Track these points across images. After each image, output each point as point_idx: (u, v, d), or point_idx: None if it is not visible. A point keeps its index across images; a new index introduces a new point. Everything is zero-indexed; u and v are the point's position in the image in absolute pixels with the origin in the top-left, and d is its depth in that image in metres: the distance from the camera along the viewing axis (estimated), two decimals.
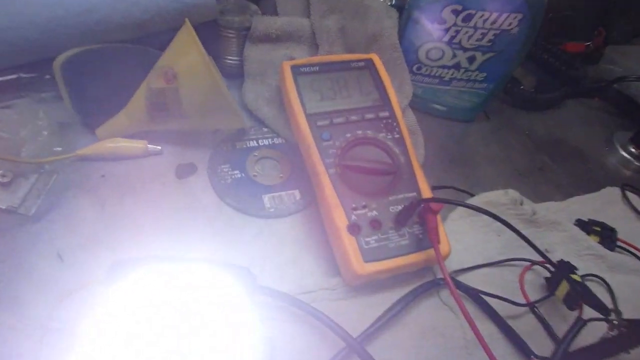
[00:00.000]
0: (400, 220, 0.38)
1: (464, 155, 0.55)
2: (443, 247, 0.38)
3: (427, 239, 0.38)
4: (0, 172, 0.39)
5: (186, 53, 0.41)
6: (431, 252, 0.37)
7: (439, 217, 0.38)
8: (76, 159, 0.44)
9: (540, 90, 0.64)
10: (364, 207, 0.39)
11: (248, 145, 0.48)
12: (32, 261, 0.36)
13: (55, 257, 0.37)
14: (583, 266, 0.43)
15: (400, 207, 0.39)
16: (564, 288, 0.40)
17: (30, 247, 0.37)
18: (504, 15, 0.46)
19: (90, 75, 0.43)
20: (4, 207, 0.39)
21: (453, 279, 0.40)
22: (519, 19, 0.47)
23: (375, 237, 0.38)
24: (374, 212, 0.39)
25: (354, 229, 0.38)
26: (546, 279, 0.43)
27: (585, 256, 0.46)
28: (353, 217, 0.38)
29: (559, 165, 0.56)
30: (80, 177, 0.43)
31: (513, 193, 0.47)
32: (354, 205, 0.39)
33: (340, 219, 0.38)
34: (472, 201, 0.47)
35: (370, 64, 0.47)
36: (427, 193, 0.41)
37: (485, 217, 0.46)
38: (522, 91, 0.63)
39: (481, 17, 0.47)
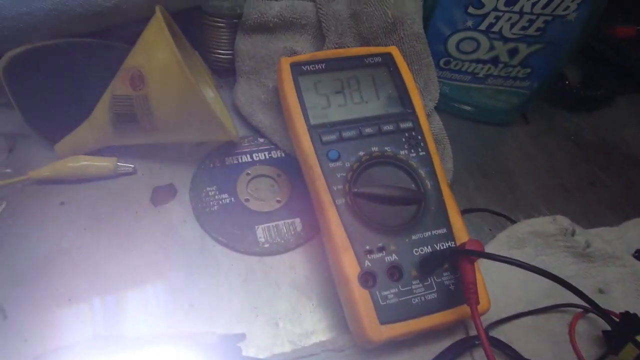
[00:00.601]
0: (427, 268, 0.30)
1: (498, 167, 0.46)
2: (482, 304, 0.30)
3: (460, 291, 0.30)
4: None
5: (156, 51, 0.32)
6: (466, 307, 0.29)
7: (476, 263, 0.30)
8: (30, 182, 0.36)
9: (588, 85, 0.54)
10: (381, 249, 0.31)
11: (240, 161, 0.40)
12: None
13: None
14: None
15: (426, 249, 0.31)
16: (630, 352, 0.31)
17: None
18: None
19: (43, 79, 0.35)
20: None
21: (491, 337, 0.32)
22: (579, 2, 0.37)
23: (394, 289, 0.30)
24: (394, 257, 0.31)
25: (367, 279, 0.30)
26: (605, 332, 0.34)
27: None
28: (367, 263, 0.30)
29: (612, 178, 0.47)
30: (35, 206, 0.35)
31: (562, 220, 0.39)
32: (367, 248, 0.30)
33: (351, 266, 0.30)
34: (514, 229, 0.39)
35: (388, 59, 0.39)
36: (459, 229, 0.33)
37: (528, 249, 0.39)
38: (566, 87, 0.53)
39: None
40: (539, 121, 0.52)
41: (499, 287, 0.36)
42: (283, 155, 0.41)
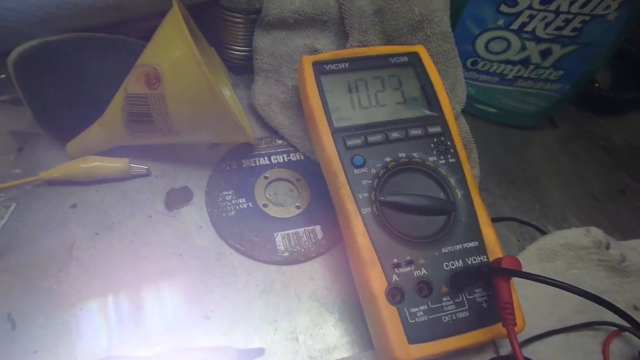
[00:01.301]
0: (458, 284, 0.28)
1: (525, 173, 0.44)
2: (518, 324, 0.28)
3: (493, 309, 0.29)
4: None
5: (173, 48, 0.30)
6: (499, 327, 0.28)
7: (511, 281, 0.28)
8: (41, 183, 0.35)
9: (618, 88, 0.52)
10: (409, 262, 0.29)
11: (258, 163, 0.38)
12: None
13: (6, 321, 0.29)
14: None
15: (457, 264, 0.29)
16: None
17: None
18: None
19: (54, 76, 0.33)
20: None
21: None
22: (621, 0, 0.35)
23: (423, 306, 0.28)
24: (423, 271, 0.29)
25: (395, 295, 0.28)
26: None
27: None
28: (394, 277, 0.28)
29: None
30: (45, 208, 0.34)
31: (596, 232, 0.37)
32: (395, 261, 0.29)
33: (378, 281, 0.28)
34: (546, 241, 0.37)
35: (415, 59, 0.37)
36: (492, 241, 0.31)
37: (560, 262, 0.37)
38: (595, 90, 0.51)
39: None
40: (567, 125, 0.50)
41: (529, 303, 0.35)
42: (302, 158, 0.39)
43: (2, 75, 0.36)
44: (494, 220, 0.39)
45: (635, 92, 0.52)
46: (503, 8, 0.38)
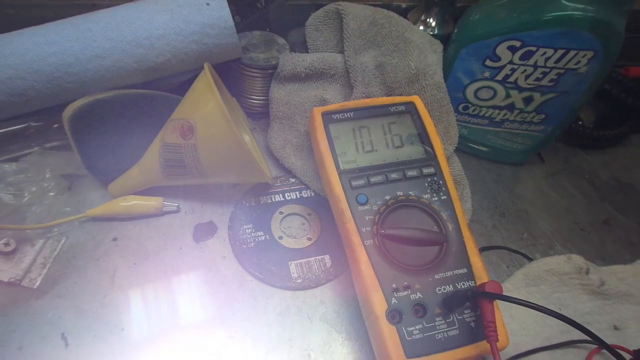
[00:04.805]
0: (449, 306, 0.33)
1: (515, 206, 0.48)
2: (501, 340, 0.32)
3: (480, 328, 0.33)
4: (3, 240, 0.36)
5: (204, 105, 0.36)
6: (485, 344, 0.32)
7: (495, 302, 0.32)
8: (86, 219, 0.40)
9: (601, 125, 0.57)
10: (406, 287, 0.33)
11: (273, 200, 0.43)
12: (34, 343, 0.33)
13: (59, 339, 0.33)
14: None
15: (448, 288, 0.34)
16: None
17: (34, 327, 0.34)
18: (571, 53, 0.40)
19: (102, 128, 0.39)
20: (6, 280, 0.35)
21: None
22: (589, 57, 0.40)
23: (419, 325, 0.32)
24: (418, 295, 0.33)
25: (394, 315, 0.32)
26: None
27: None
28: (394, 300, 0.33)
29: (627, 217, 0.49)
30: (90, 241, 0.39)
31: (577, 259, 0.41)
32: (394, 286, 0.33)
33: (379, 305, 0.32)
34: (531, 267, 0.41)
35: (411, 107, 0.42)
36: (479, 269, 0.35)
37: (545, 287, 0.41)
38: (580, 128, 0.55)
39: (543, 55, 0.41)
40: (554, 160, 0.54)
41: (517, 323, 0.38)
42: (313, 195, 0.44)
43: (55, 125, 0.42)
44: (486, 248, 0.44)
45: (617, 129, 0.56)
46: (488, 62, 0.43)
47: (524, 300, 0.29)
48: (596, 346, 0.37)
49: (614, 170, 0.55)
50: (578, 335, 0.38)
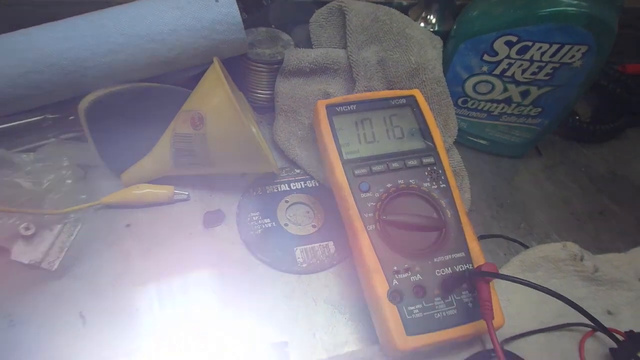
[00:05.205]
0: (448, 287, 0.34)
1: (513, 197, 0.50)
2: (497, 320, 0.34)
3: (477, 308, 0.34)
4: (23, 225, 0.38)
5: (214, 96, 0.38)
6: (482, 323, 0.33)
7: (491, 283, 0.34)
8: (101, 207, 0.42)
9: (598, 120, 0.58)
10: (407, 270, 0.35)
11: (279, 190, 0.45)
12: (54, 322, 0.35)
13: (77, 318, 0.35)
14: None
15: (447, 270, 0.35)
16: None
17: (53, 306, 0.35)
18: (566, 48, 0.41)
19: (115, 119, 0.41)
20: (26, 262, 0.37)
21: (505, 351, 0.36)
22: (583, 51, 0.41)
23: (419, 305, 0.34)
24: (418, 276, 0.35)
25: (395, 296, 0.34)
26: (611, 350, 0.38)
27: None
28: (395, 282, 0.34)
29: (622, 208, 0.51)
30: (105, 227, 0.41)
31: (572, 246, 0.42)
32: (395, 268, 0.35)
33: (381, 285, 0.34)
34: (527, 254, 0.42)
35: (412, 101, 0.43)
36: (476, 253, 0.37)
37: (540, 273, 0.43)
38: (577, 122, 0.57)
39: (539, 49, 0.42)
40: (552, 153, 0.56)
41: (514, 307, 0.40)
42: (317, 184, 0.46)
43: (71, 117, 0.44)
44: (484, 237, 0.45)
45: (613, 124, 0.58)
46: (486, 57, 0.45)
47: (517, 278, 0.30)
48: (590, 329, 0.39)
49: (610, 163, 0.56)
50: (573, 318, 0.40)
